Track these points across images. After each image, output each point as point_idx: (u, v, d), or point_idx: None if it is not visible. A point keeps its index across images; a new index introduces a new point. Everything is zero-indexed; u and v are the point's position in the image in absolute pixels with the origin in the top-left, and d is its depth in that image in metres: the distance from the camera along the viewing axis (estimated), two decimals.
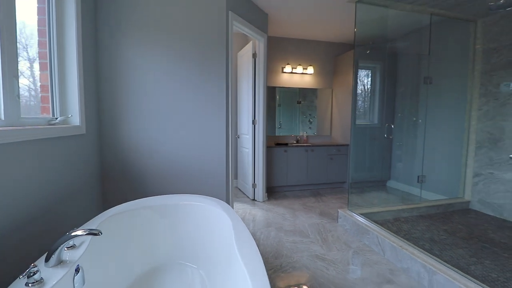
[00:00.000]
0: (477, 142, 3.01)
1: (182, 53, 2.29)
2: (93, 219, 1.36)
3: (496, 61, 2.85)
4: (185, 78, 2.31)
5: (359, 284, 1.69)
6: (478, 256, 1.95)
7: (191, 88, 2.33)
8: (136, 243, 1.51)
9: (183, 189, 2.36)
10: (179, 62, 2.28)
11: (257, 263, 0.99)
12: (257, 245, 1.15)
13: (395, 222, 2.59)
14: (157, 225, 1.60)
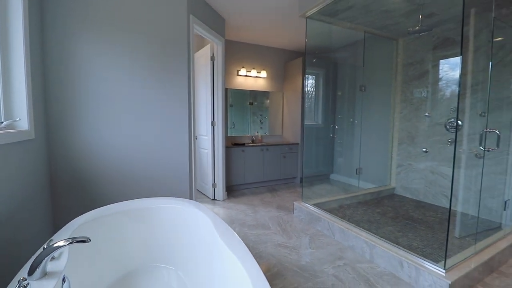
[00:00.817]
0: (399, 139, 3.69)
1: (143, 54, 2.25)
2: (63, 229, 1.31)
3: (412, 73, 3.54)
4: (146, 79, 2.28)
5: (317, 264, 1.98)
6: (403, 231, 2.46)
7: (152, 89, 2.32)
8: (109, 250, 1.49)
9: (145, 193, 2.33)
10: (140, 63, 2.24)
11: (244, 249, 1.14)
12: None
13: (340, 209, 3.02)
14: (130, 230, 1.60)
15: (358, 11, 2.93)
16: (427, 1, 2.70)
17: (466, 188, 2.54)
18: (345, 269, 1.90)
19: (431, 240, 2.27)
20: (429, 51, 3.33)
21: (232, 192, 3.91)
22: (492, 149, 2.12)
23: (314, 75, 4.67)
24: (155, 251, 1.63)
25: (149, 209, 1.67)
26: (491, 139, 2.51)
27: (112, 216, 1.53)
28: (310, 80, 4.64)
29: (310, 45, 3.36)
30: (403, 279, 1.78)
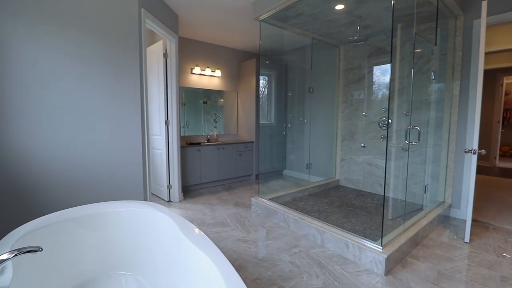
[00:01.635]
0: (342, 136, 4.11)
1: (90, 50, 2.08)
2: (2, 241, 1.16)
3: (352, 77, 3.97)
4: (93, 76, 2.11)
5: (275, 253, 2.11)
6: (347, 217, 2.78)
7: (101, 87, 2.15)
8: (59, 260, 1.37)
9: (94, 198, 2.17)
10: (86, 59, 2.07)
11: (210, 245, 1.18)
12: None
13: (294, 202, 3.24)
14: (82, 237, 1.48)
15: (306, 18, 3.17)
16: (364, 14, 3.07)
17: (395, 177, 2.99)
18: (300, 256, 2.08)
19: (370, 222, 2.62)
20: (365, 58, 3.79)
21: (189, 193, 3.85)
22: (414, 143, 2.54)
23: (267, 76, 4.87)
24: (112, 257, 1.55)
25: (102, 214, 1.58)
26: (414, 134, 2.98)
27: (60, 224, 1.41)
28: (263, 81, 4.82)
29: (264, 47, 3.50)
30: (349, 258, 2.03)
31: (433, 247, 2.24)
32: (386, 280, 1.77)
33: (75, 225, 1.47)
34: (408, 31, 3.22)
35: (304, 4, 2.74)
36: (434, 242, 2.33)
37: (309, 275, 1.83)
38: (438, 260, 2.03)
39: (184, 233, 1.31)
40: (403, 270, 1.90)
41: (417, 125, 3.08)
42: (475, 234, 2.48)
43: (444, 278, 1.80)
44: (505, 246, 2.25)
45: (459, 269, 1.91)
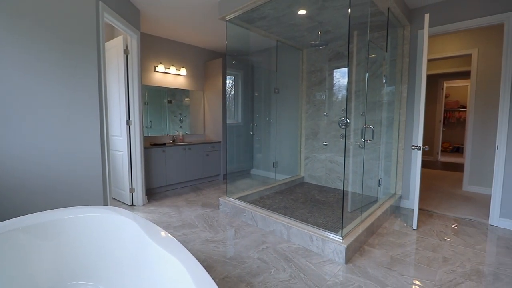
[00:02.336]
0: (306, 135, 4.30)
1: (43, 43, 1.90)
2: None
3: (314, 79, 4.17)
4: (48, 73, 1.93)
5: (243, 251, 2.15)
6: (311, 212, 2.92)
7: (55, 85, 1.98)
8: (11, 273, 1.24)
9: (47, 207, 1.99)
10: (38, 54, 1.88)
11: (179, 246, 1.17)
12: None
13: (261, 200, 3.32)
14: (36, 248, 1.36)
15: (271, 21, 3.26)
16: (325, 20, 3.25)
17: (354, 172, 3.22)
18: (268, 252, 2.15)
19: (332, 216, 2.80)
20: (326, 62, 4.01)
21: (154, 196, 3.71)
22: (369, 140, 2.77)
23: (234, 76, 4.88)
24: (71, 267, 1.45)
25: (57, 222, 1.46)
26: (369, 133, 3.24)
27: (7, 234, 1.28)
28: (230, 80, 4.82)
29: (230, 47, 3.52)
30: (313, 250, 2.15)
31: (387, 235, 2.48)
32: (346, 268, 1.91)
33: (25, 235, 1.35)
34: (363, 38, 3.49)
35: (269, 7, 2.82)
36: (387, 230, 2.58)
37: (276, 269, 1.90)
38: (391, 247, 2.24)
39: (150, 236, 1.28)
40: (361, 257, 2.07)
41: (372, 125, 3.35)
42: (422, 221, 2.79)
43: (396, 262, 2.00)
44: (446, 231, 2.57)
45: (408, 253, 2.14)
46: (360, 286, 1.71)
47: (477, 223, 2.75)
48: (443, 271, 1.88)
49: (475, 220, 2.83)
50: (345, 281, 1.76)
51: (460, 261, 2.01)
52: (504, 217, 2.65)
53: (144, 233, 1.31)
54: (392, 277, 1.81)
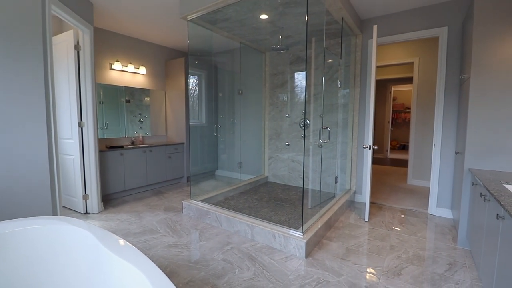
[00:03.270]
0: (269, 136, 4.42)
1: None
2: None
3: (276, 81, 4.30)
4: None
5: (208, 254, 2.15)
6: (275, 210, 3.02)
7: None
8: None
9: None
10: None
11: (138, 254, 1.14)
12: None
13: (226, 201, 3.33)
14: None
15: (234, 23, 3.29)
16: (286, 26, 3.37)
17: (313, 171, 3.40)
18: (232, 252, 2.18)
19: (294, 213, 2.93)
20: (287, 65, 4.17)
21: (111, 202, 3.48)
22: (326, 141, 2.95)
23: (197, 76, 4.80)
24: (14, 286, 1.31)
25: None
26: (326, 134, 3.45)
27: None
28: (193, 80, 4.73)
29: (192, 47, 3.47)
30: (276, 247, 2.24)
31: (343, 228, 2.67)
32: (306, 262, 2.03)
33: None
34: (321, 44, 3.70)
35: (231, 10, 2.84)
36: (343, 224, 2.78)
37: (240, 269, 1.94)
38: (346, 239, 2.43)
39: (106, 245, 1.22)
40: (319, 251, 2.21)
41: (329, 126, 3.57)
42: (373, 214, 3.06)
43: (350, 253, 2.18)
44: (393, 221, 2.86)
45: (361, 244, 2.34)
46: (318, 278, 1.83)
47: (418, 213, 3.11)
48: (390, 258, 2.10)
49: (417, 210, 3.19)
50: (305, 274, 1.87)
51: (405, 248, 2.26)
52: (440, 207, 3.04)
53: (99, 243, 1.25)
54: (347, 267, 1.97)
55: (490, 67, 2.07)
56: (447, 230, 2.62)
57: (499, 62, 2.04)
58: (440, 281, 1.79)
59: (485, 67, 2.09)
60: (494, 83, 2.06)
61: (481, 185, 1.78)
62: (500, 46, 2.03)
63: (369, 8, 3.09)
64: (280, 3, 2.77)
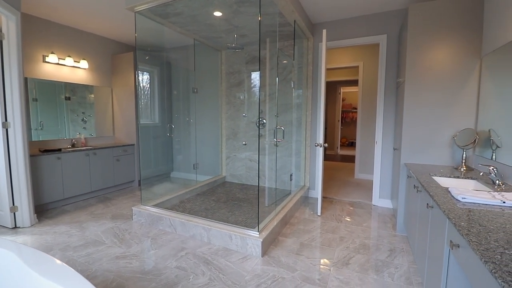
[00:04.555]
0: (226, 135, 4.37)
1: None
2: None
3: (233, 81, 4.27)
4: None
5: (160, 262, 2.04)
6: (232, 210, 3.00)
7: None
8: None
9: None
10: None
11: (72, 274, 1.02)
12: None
13: (181, 204, 3.20)
14: None
15: (186, 19, 3.15)
16: (241, 25, 3.35)
17: (270, 169, 3.47)
18: (187, 258, 2.09)
19: (251, 212, 2.95)
20: (244, 64, 4.16)
21: (46, 213, 3.08)
22: (280, 140, 3.03)
23: (149, 73, 4.51)
24: None
25: None
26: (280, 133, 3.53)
27: None
28: (145, 77, 4.43)
29: (142, 41, 3.24)
30: (232, 249, 2.22)
31: (297, 223, 2.77)
32: (263, 261, 2.05)
33: None
34: (275, 45, 3.78)
35: (182, 4, 2.72)
36: (298, 219, 2.89)
37: (195, 275, 1.87)
38: (300, 234, 2.53)
39: (33, 266, 1.06)
40: (275, 248, 2.25)
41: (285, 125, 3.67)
42: (324, 208, 3.24)
43: (304, 248, 2.27)
44: (342, 214, 3.06)
45: (314, 237, 2.46)
46: (274, 275, 1.87)
47: (364, 205, 3.39)
48: (340, 249, 2.24)
49: (363, 202, 3.47)
50: (262, 273, 1.89)
51: (352, 239, 2.43)
52: (382, 198, 3.35)
53: (24, 265, 1.08)
54: (301, 261, 2.05)
55: (421, 72, 2.34)
56: (388, 219, 2.91)
57: (428, 68, 2.32)
58: (383, 266, 1.97)
59: (417, 73, 2.35)
60: (424, 86, 2.34)
61: (414, 177, 2.00)
62: (429, 55, 2.31)
63: (319, 13, 3.25)
64: (234, 1, 2.74)
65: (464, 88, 2.21)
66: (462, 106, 2.23)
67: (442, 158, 2.32)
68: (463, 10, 2.17)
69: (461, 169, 2.10)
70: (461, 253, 0.98)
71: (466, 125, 2.22)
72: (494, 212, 1.13)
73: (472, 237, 0.89)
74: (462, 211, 1.15)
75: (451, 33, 2.22)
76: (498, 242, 0.85)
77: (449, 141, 2.28)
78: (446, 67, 2.26)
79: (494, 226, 0.98)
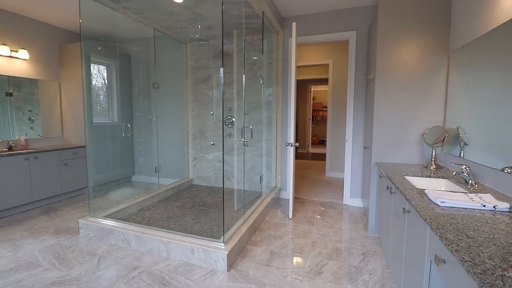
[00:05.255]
0: (193, 135, 4.07)
1: None
2: None
3: (200, 76, 3.97)
4: None
5: (108, 286, 1.72)
6: (198, 218, 2.74)
7: None
8: None
9: None
10: None
11: None
12: None
13: (140, 213, 2.86)
14: None
15: (142, 4, 2.81)
16: (206, 14, 3.08)
17: (239, 170, 3.26)
18: (140, 279, 1.80)
19: (219, 219, 2.71)
20: (211, 59, 3.89)
21: None
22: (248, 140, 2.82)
23: (106, 66, 4.04)
24: None
25: None
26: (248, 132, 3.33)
27: None
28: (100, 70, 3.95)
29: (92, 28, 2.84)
30: (195, 263, 1.97)
31: (268, 229, 2.59)
32: (229, 276, 1.83)
33: None
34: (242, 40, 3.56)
35: None
36: (268, 224, 2.71)
37: None
38: (271, 241, 2.35)
39: None
40: (243, 259, 2.04)
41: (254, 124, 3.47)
42: (296, 210, 3.11)
43: (275, 257, 2.09)
44: (314, 215, 2.94)
45: (285, 244, 2.29)
46: None
47: (335, 204, 3.31)
48: (312, 256, 2.10)
49: (334, 202, 3.40)
50: None
51: (325, 243, 2.31)
52: (353, 197, 3.30)
53: None
54: (271, 273, 1.86)
55: (391, 70, 2.27)
56: (359, 219, 2.85)
57: (397, 66, 2.26)
58: (356, 273, 1.86)
59: (387, 70, 2.28)
60: (394, 84, 2.28)
61: (387, 178, 1.91)
62: (398, 52, 2.24)
63: (289, 5, 3.09)
64: None
65: (432, 85, 2.18)
66: (431, 103, 2.20)
67: (412, 156, 2.28)
68: (432, 5, 2.13)
69: (430, 167, 2.07)
70: (449, 270, 0.85)
71: (435, 122, 2.19)
72: (477, 218, 1.02)
73: (464, 255, 0.75)
74: (445, 218, 1.03)
75: (420, 29, 2.18)
76: (493, 259, 0.72)
77: (419, 139, 2.25)
78: (414, 64, 2.21)
79: (483, 237, 0.86)
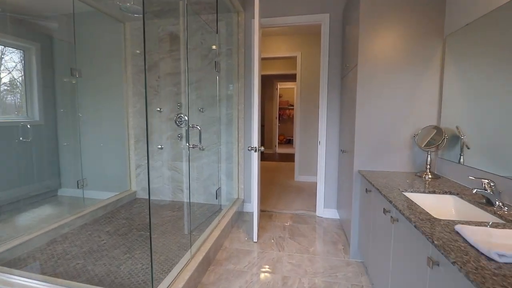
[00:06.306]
0: (135, 137, 3.29)
1: None
2: None
3: (143, 64, 3.21)
4: None
5: None
6: (131, 250, 2.04)
7: None
8: None
9: None
10: None
11: None
12: None
13: (49, 247, 2.06)
14: None
15: None
16: None
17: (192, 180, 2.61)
18: None
19: (161, 250, 2.04)
20: (156, 42, 3.15)
21: None
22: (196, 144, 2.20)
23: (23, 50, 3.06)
24: None
25: None
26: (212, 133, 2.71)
27: None
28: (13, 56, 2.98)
29: None
30: None
31: (226, 260, 2.00)
32: None
33: None
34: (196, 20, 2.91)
35: None
36: (227, 253, 2.11)
37: None
38: (229, 281, 1.76)
39: None
40: None
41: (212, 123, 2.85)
42: (262, 228, 2.56)
43: None
44: (283, 235, 2.42)
45: (248, 285, 1.72)
46: None
47: (308, 217, 2.85)
48: None
49: (306, 214, 2.93)
50: None
51: (299, 278, 1.79)
52: (327, 208, 2.86)
53: None
54: None
55: (375, 59, 1.84)
56: (337, 237, 2.40)
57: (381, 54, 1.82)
58: None
59: (370, 59, 1.84)
60: (379, 76, 1.84)
61: (378, 193, 1.44)
62: (383, 38, 1.81)
63: None
64: None
65: (425, 75, 1.79)
66: (423, 97, 1.81)
67: (402, 163, 1.87)
68: None
69: (425, 176, 1.67)
70: None
71: (428, 121, 1.80)
72: None
73: None
74: None
75: (409, 7, 1.77)
76: None
77: (409, 142, 1.84)
78: (404, 51, 1.80)
79: None
